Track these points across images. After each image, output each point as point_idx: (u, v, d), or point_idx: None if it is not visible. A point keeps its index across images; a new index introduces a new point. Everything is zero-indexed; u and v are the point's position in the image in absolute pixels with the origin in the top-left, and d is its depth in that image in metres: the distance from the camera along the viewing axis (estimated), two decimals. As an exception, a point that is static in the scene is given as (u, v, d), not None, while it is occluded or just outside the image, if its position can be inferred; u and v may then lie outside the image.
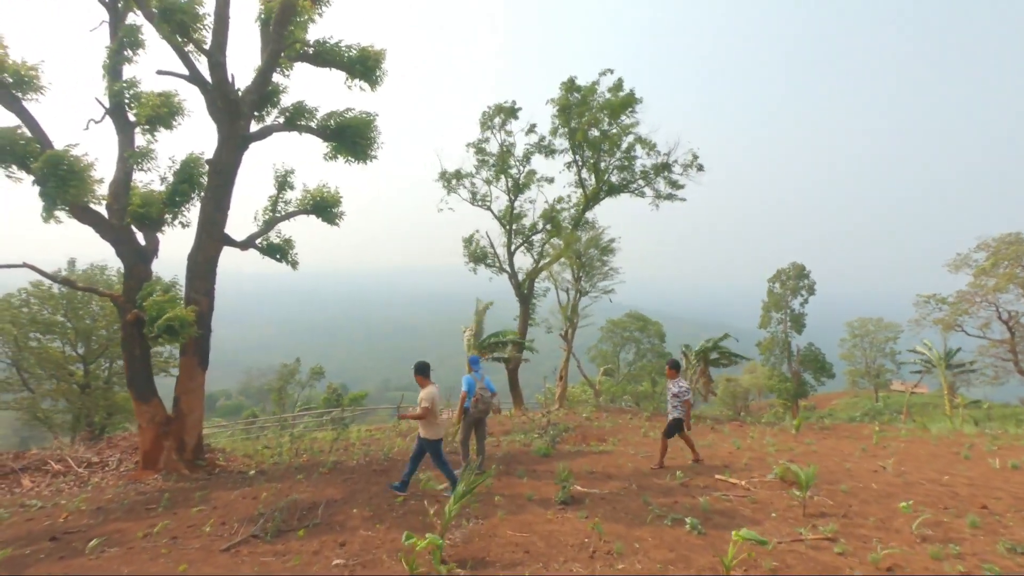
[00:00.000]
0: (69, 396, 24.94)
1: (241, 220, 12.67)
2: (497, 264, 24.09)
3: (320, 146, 12.12)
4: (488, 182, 23.39)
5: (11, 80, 9.21)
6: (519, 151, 22.85)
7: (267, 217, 11.84)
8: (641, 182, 23.23)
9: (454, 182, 23.56)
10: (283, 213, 11.96)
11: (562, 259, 20.38)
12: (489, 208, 23.95)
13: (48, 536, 6.44)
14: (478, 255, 24.39)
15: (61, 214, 10.00)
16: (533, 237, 24.52)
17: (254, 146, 11.78)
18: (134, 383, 10.26)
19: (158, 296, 9.55)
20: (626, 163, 22.83)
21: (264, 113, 11.79)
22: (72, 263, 26.54)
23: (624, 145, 22.52)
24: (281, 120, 11.46)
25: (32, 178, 9.00)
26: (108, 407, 24.79)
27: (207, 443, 14.44)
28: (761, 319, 49.80)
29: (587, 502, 6.81)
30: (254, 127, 11.22)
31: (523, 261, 24.88)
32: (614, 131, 22.15)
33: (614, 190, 23.29)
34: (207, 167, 10.54)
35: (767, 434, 13.18)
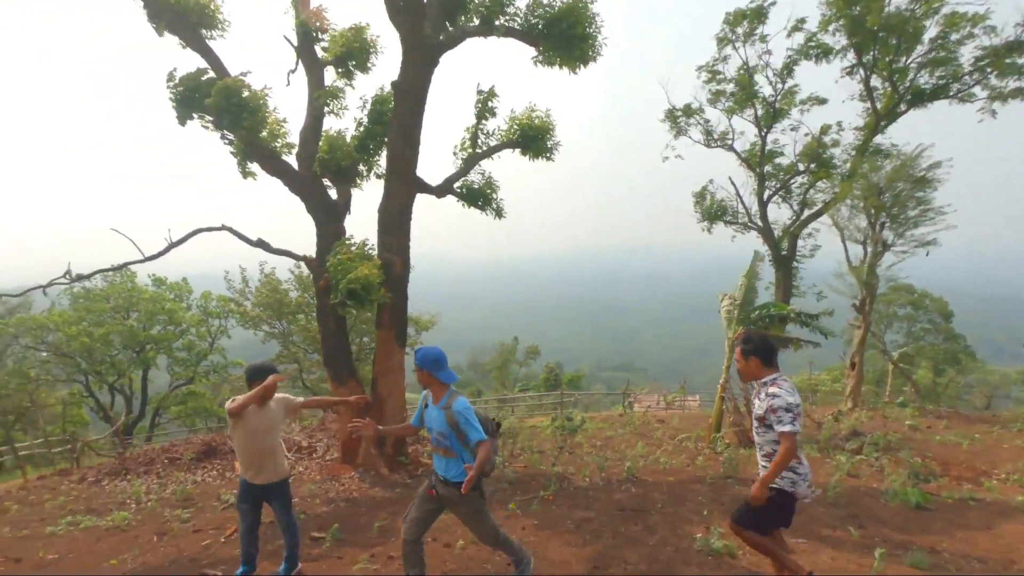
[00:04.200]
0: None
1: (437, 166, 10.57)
2: (743, 218, 18.92)
3: (523, 56, 9.23)
4: (730, 112, 18.28)
5: (193, 16, 8.10)
6: (777, 61, 17.23)
7: (466, 154, 9.39)
8: (969, 79, 15.72)
9: (683, 121, 19.00)
10: (485, 148, 9.39)
11: (851, 199, 14.51)
12: (731, 148, 18.85)
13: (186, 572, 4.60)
14: (714, 211, 19.50)
15: (255, 168, 8.93)
16: (792, 181, 18.67)
17: (446, 77, 9.47)
18: (330, 362, 8.71)
19: (342, 255, 7.68)
20: (943, 54, 15.57)
21: (459, 21, 9.26)
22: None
23: (930, 30, 15.40)
24: (476, 21, 8.78)
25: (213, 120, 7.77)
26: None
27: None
28: None
29: None
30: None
31: (777, 214, 19.20)
32: (919, 9, 15.21)
33: (921, 98, 16.18)
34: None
35: None
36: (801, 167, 18.26)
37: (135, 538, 5.71)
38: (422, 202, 8.71)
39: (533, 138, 9.36)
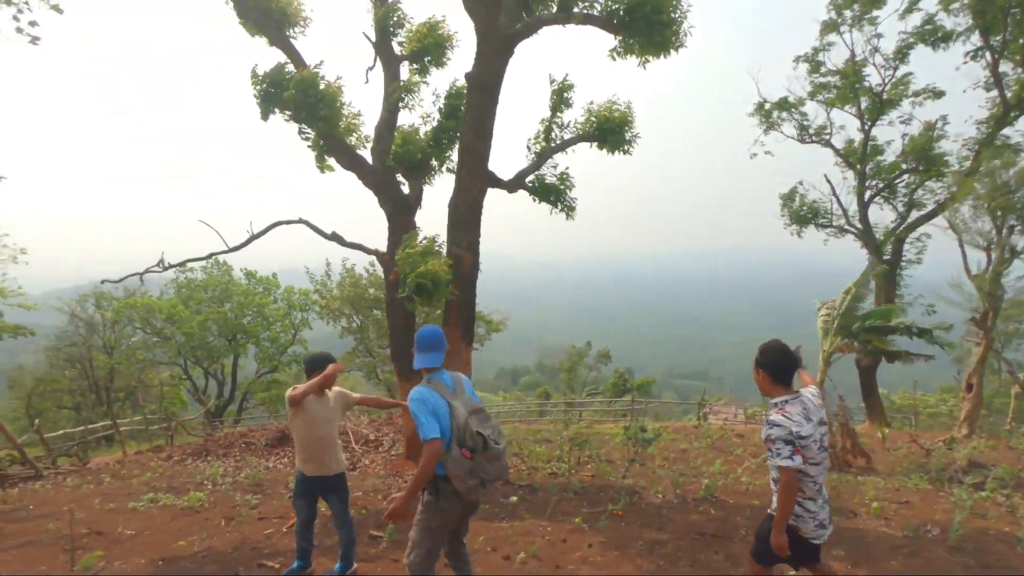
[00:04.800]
0: (400, 361, 28.34)
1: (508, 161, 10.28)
2: (839, 221, 17.37)
3: (599, 46, 8.78)
4: (830, 105, 16.80)
5: (277, 14, 8.32)
6: (887, 45, 15.64)
7: (539, 148, 9.08)
8: None
9: (776, 115, 17.70)
10: (559, 141, 9.04)
11: (972, 199, 12.83)
12: (828, 143, 17.35)
13: (247, 560, 4.58)
14: (804, 214, 18.03)
15: (332, 162, 9.07)
16: (899, 181, 16.91)
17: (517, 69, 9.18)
18: (397, 356, 8.69)
19: (411, 249, 7.59)
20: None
21: (536, 9, 8.97)
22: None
23: None
24: (553, 8, 8.44)
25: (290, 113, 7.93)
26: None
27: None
28: None
29: None
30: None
31: (879, 216, 17.50)
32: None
33: (1060, 82, 14.09)
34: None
35: None
36: (906, 165, 16.50)
37: (205, 520, 5.85)
38: (486, 198, 8.47)
39: (611, 131, 8.90)
